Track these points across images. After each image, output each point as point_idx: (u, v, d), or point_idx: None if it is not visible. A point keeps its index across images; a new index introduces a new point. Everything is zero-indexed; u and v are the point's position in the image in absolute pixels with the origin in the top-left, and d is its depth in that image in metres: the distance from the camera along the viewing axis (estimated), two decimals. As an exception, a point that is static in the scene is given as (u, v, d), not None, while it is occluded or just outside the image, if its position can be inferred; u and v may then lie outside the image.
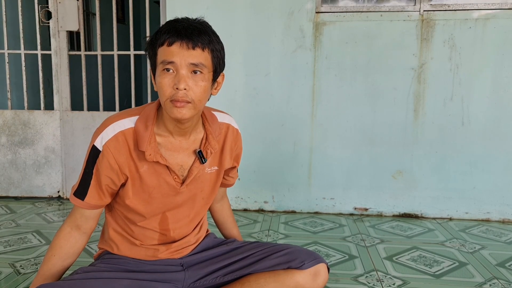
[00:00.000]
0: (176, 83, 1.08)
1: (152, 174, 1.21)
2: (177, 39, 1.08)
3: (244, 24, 2.49)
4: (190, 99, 1.09)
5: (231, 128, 1.34)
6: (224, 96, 2.53)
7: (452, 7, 2.37)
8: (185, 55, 1.08)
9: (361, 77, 2.46)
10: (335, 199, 2.57)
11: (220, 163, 1.32)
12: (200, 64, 1.09)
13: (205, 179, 1.30)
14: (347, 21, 2.43)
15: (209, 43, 1.10)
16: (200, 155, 1.23)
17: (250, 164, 2.57)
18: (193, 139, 1.25)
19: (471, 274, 1.75)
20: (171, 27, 1.10)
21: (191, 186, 1.26)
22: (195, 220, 1.35)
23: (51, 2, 2.75)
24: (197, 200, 1.31)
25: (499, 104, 2.39)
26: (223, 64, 1.18)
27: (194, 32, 1.09)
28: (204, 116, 1.27)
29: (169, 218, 1.29)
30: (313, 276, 1.29)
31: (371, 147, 2.50)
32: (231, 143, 1.33)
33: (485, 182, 2.45)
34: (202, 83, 1.11)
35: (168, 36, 1.08)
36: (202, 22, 1.14)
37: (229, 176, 1.44)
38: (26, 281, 1.62)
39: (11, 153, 2.83)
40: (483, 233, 2.26)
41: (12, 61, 2.91)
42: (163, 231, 1.30)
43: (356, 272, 1.76)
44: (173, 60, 1.08)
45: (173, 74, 1.09)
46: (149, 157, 1.16)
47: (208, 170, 1.29)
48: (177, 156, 1.23)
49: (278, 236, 2.18)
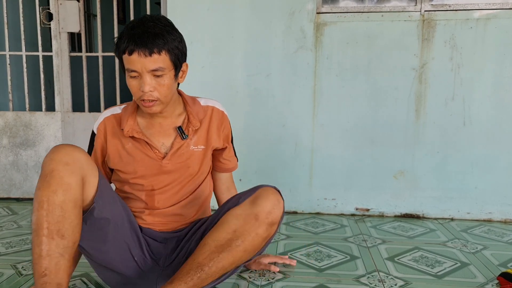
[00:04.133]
0: (141, 87, 1.25)
1: (136, 149, 1.39)
2: (135, 48, 1.20)
3: (245, 25, 2.49)
4: (156, 97, 1.27)
5: (215, 110, 1.48)
6: (225, 97, 2.53)
7: (453, 7, 2.37)
8: (144, 63, 1.22)
9: (362, 78, 2.45)
10: (337, 200, 2.57)
11: (207, 142, 1.44)
12: (159, 68, 1.24)
13: (191, 156, 1.41)
14: (348, 22, 2.43)
15: (164, 45, 1.23)
16: (180, 131, 1.39)
17: (251, 165, 2.57)
18: (173, 120, 1.41)
19: (473, 275, 1.74)
20: (129, 35, 1.21)
21: (175, 161, 1.39)
22: (181, 193, 1.45)
23: (52, 4, 2.75)
24: (185, 176, 1.42)
25: (501, 104, 2.39)
26: (183, 56, 1.32)
27: (149, 38, 1.20)
28: (185, 100, 1.44)
29: (155, 192, 1.41)
30: (251, 202, 1.29)
31: (372, 147, 2.50)
32: (217, 123, 1.46)
33: (487, 182, 2.45)
34: (165, 82, 1.27)
35: (127, 45, 1.21)
36: (157, 23, 1.24)
37: (224, 159, 1.53)
38: (27, 282, 1.62)
39: (12, 155, 2.83)
40: (485, 234, 2.26)
41: (13, 62, 2.91)
42: (149, 201, 1.43)
43: (358, 272, 1.76)
44: (135, 68, 1.23)
45: (138, 78, 1.25)
46: (126, 133, 1.36)
47: (194, 148, 1.42)
48: (158, 134, 1.40)
49: (279, 236, 2.18)
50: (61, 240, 1.14)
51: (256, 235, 1.25)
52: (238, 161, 1.61)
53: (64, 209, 1.15)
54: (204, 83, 2.53)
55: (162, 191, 1.42)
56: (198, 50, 2.52)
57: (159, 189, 1.42)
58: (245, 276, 1.71)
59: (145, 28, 1.22)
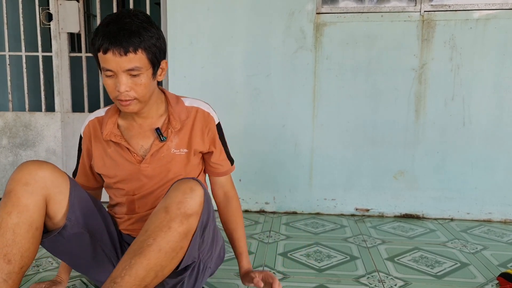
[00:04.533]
0: (117, 87, 1.18)
1: (117, 153, 1.33)
2: (110, 46, 1.14)
3: (245, 25, 2.49)
4: (133, 97, 1.21)
5: (200, 111, 1.38)
6: (225, 97, 2.54)
7: (453, 8, 2.37)
8: (119, 62, 1.15)
9: (362, 78, 2.46)
10: (336, 200, 2.57)
11: (190, 145, 1.35)
12: (136, 68, 1.17)
13: (172, 160, 1.33)
14: (347, 22, 2.43)
15: (140, 43, 1.16)
16: (158, 133, 1.31)
17: (251, 165, 2.57)
18: (154, 120, 1.34)
19: (473, 275, 1.74)
20: (104, 32, 1.15)
21: (155, 165, 1.32)
22: (159, 200, 1.34)
23: (51, 4, 2.75)
24: (166, 180, 1.34)
25: (500, 104, 2.39)
26: (162, 54, 1.24)
27: (124, 36, 1.13)
28: (167, 99, 1.36)
29: (136, 196, 1.35)
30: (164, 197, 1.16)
31: (372, 148, 2.50)
32: (201, 125, 1.36)
33: (487, 182, 2.45)
34: (142, 81, 1.20)
35: (101, 43, 1.15)
36: (133, 19, 1.16)
37: (215, 163, 1.42)
38: (28, 282, 1.62)
39: (12, 155, 2.83)
40: (484, 234, 2.26)
41: (13, 63, 2.91)
42: (130, 206, 1.37)
43: (358, 273, 1.76)
44: (110, 68, 1.17)
45: (114, 77, 1.19)
46: (104, 136, 1.32)
47: (176, 151, 1.33)
48: (137, 136, 1.34)
49: (279, 237, 2.18)
50: (7, 265, 1.09)
51: (170, 230, 1.05)
52: (234, 163, 1.49)
53: (16, 233, 1.10)
54: (204, 83, 2.53)
55: (143, 196, 1.35)
56: (198, 50, 2.52)
57: (139, 194, 1.35)
58: (245, 276, 1.71)
59: (121, 25, 1.15)
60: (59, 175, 1.21)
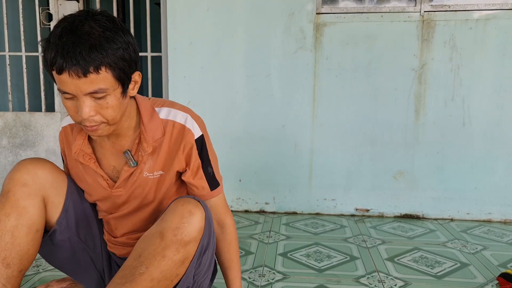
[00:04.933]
0: (80, 113, 0.97)
1: (88, 172, 1.18)
2: (65, 66, 0.91)
3: (245, 25, 2.49)
4: (100, 121, 1.00)
5: (175, 126, 1.14)
6: (224, 97, 2.54)
7: (453, 8, 2.37)
8: (78, 85, 0.93)
9: (362, 78, 2.46)
10: (336, 200, 2.57)
11: (167, 167, 1.15)
12: (99, 90, 0.95)
13: (146, 185, 1.15)
14: (347, 22, 2.43)
15: (103, 60, 0.93)
16: (127, 157, 1.12)
17: (251, 165, 2.57)
18: (127, 138, 1.14)
19: (473, 275, 1.74)
20: (57, 46, 0.92)
21: (128, 190, 1.15)
22: (140, 223, 1.22)
23: (51, 4, 2.75)
24: (143, 204, 1.18)
25: (500, 105, 2.39)
26: (132, 66, 1.01)
27: (82, 51, 0.90)
28: (140, 114, 1.13)
29: (111, 217, 1.22)
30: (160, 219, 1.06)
31: (372, 148, 2.50)
32: (178, 142, 1.13)
33: (487, 183, 2.45)
34: (109, 103, 0.98)
35: (53, 60, 0.92)
36: (93, 27, 0.93)
37: (191, 184, 1.18)
38: (27, 282, 1.62)
39: (12, 155, 2.83)
40: (484, 234, 2.26)
41: (13, 63, 2.91)
42: (107, 226, 1.28)
43: (358, 273, 1.76)
44: (68, 91, 0.95)
45: (75, 98, 0.97)
46: (73, 154, 1.16)
47: (150, 175, 1.14)
48: (109, 156, 1.16)
49: (279, 237, 2.18)
50: (5, 269, 1.06)
51: (164, 258, 0.97)
52: (218, 186, 1.22)
53: (14, 236, 1.07)
54: (204, 83, 2.53)
55: (119, 217, 1.22)
56: (198, 51, 2.52)
57: (115, 214, 1.22)
58: (245, 276, 1.71)
59: (77, 36, 0.91)
60: (58, 175, 1.17)
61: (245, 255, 1.94)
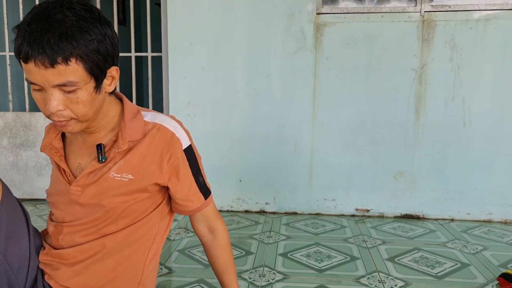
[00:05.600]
0: (47, 107, 0.89)
1: (54, 169, 1.11)
2: (31, 54, 0.84)
3: (245, 25, 2.49)
4: (69, 117, 0.92)
5: (162, 130, 1.04)
6: (224, 97, 2.54)
7: (453, 8, 2.37)
8: (45, 75, 0.85)
9: (362, 78, 2.46)
10: (337, 200, 2.57)
11: (138, 172, 1.02)
12: (68, 83, 0.87)
13: (109, 186, 1.02)
14: (348, 22, 2.43)
15: (73, 51, 0.85)
16: (99, 151, 1.02)
17: (251, 165, 2.57)
18: (102, 135, 1.05)
19: (473, 275, 1.74)
20: (25, 32, 0.85)
21: (88, 191, 1.02)
22: (93, 235, 1.05)
23: (52, 4, 2.75)
24: (99, 215, 1.03)
25: (500, 105, 2.39)
26: (108, 60, 0.93)
27: (50, 40, 0.83)
28: (123, 112, 1.06)
29: (64, 224, 1.07)
30: None
31: (372, 148, 2.50)
32: (161, 148, 1.03)
33: (487, 183, 2.45)
34: (80, 98, 0.90)
35: (19, 48, 0.85)
36: (66, 15, 0.85)
37: (181, 199, 1.08)
38: (27, 283, 1.62)
39: (12, 155, 2.83)
40: (485, 234, 2.26)
41: (13, 63, 2.91)
42: (55, 234, 1.09)
43: (358, 273, 1.76)
44: (34, 81, 0.87)
45: (43, 90, 0.90)
46: (41, 148, 1.08)
47: (116, 175, 1.01)
48: (78, 152, 1.06)
49: (279, 237, 2.18)
50: None
51: None
52: (210, 194, 1.15)
53: None
54: (204, 83, 2.53)
55: (72, 226, 1.06)
56: (198, 51, 2.52)
57: (68, 223, 1.06)
58: (245, 276, 1.71)
59: (48, 23, 0.84)
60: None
61: (245, 255, 1.94)
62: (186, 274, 1.73)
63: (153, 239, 1.11)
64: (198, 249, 2.00)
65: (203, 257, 1.90)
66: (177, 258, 1.90)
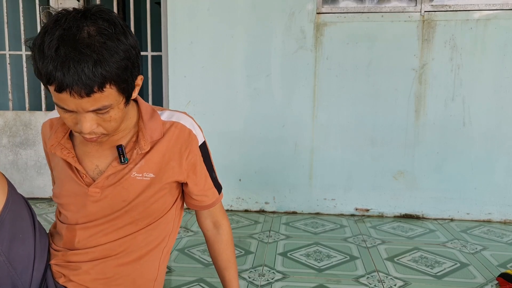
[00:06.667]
0: (79, 126, 0.89)
1: (63, 170, 1.05)
2: (65, 86, 0.81)
3: (245, 25, 2.49)
4: (101, 133, 0.92)
5: (180, 128, 1.05)
6: (225, 97, 2.54)
7: (453, 8, 2.37)
8: (80, 104, 0.84)
9: (362, 78, 2.46)
10: (336, 200, 2.57)
11: (159, 170, 1.03)
12: (103, 107, 0.86)
13: (130, 186, 1.02)
14: (348, 22, 2.43)
15: (107, 76, 0.82)
16: (120, 152, 1.00)
17: (251, 165, 2.57)
18: (117, 138, 1.03)
19: (473, 275, 1.74)
20: (53, 59, 0.80)
21: (108, 192, 1.01)
22: (111, 235, 1.05)
23: (52, 3, 2.75)
24: (119, 214, 1.03)
25: (500, 105, 2.39)
26: (134, 74, 0.90)
27: (84, 69, 0.80)
28: (140, 113, 1.05)
29: (78, 226, 1.05)
30: None
31: (372, 148, 2.50)
32: (180, 146, 1.04)
33: (487, 183, 2.45)
34: (113, 116, 0.90)
35: (50, 77, 0.81)
36: (91, 34, 0.82)
37: (198, 195, 1.11)
38: (27, 282, 1.62)
39: (12, 154, 2.83)
40: (484, 234, 2.26)
41: (13, 62, 2.91)
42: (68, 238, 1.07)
43: (357, 273, 1.76)
44: (67, 108, 0.86)
45: (74, 113, 0.88)
46: (49, 148, 1.02)
47: (138, 175, 1.02)
48: (94, 154, 1.03)
49: (279, 237, 2.18)
50: None
51: None
52: (222, 190, 1.18)
53: None
54: (204, 83, 2.53)
55: (87, 227, 1.05)
56: (198, 50, 2.52)
57: (83, 224, 1.05)
58: (244, 276, 1.71)
59: (77, 49, 0.80)
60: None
61: (245, 254, 1.94)
62: (185, 273, 1.73)
63: (168, 236, 1.12)
64: (197, 248, 2.01)
65: (202, 256, 1.90)
66: (177, 257, 1.90)
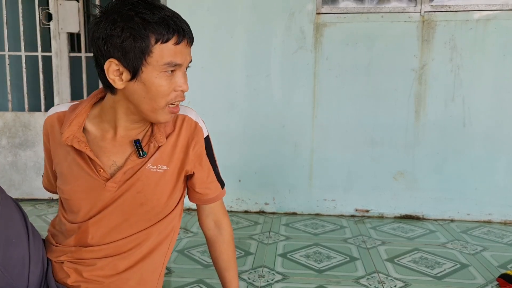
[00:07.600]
0: (181, 85, 0.97)
1: (77, 165, 1.03)
2: (183, 36, 0.94)
3: (245, 25, 2.48)
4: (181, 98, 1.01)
5: (187, 120, 1.09)
6: (224, 97, 2.53)
7: (453, 8, 2.37)
8: (187, 54, 0.98)
9: (362, 78, 2.45)
10: (336, 201, 2.56)
11: (171, 162, 1.06)
12: (191, 61, 1.01)
13: (146, 179, 1.04)
14: (347, 22, 2.43)
15: None
16: (138, 146, 1.03)
17: (251, 165, 2.56)
18: (130, 132, 1.05)
19: (473, 276, 1.74)
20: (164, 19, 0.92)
21: (125, 186, 1.03)
22: (126, 231, 1.06)
23: (51, 4, 2.75)
24: (133, 208, 1.04)
25: (500, 105, 2.39)
26: None
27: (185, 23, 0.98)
28: None
29: (90, 224, 1.05)
30: None
31: (372, 148, 2.50)
32: (187, 138, 1.08)
33: (487, 183, 2.44)
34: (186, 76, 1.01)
35: (174, 33, 0.93)
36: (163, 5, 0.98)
37: (201, 187, 1.12)
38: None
39: (11, 155, 2.83)
40: (484, 235, 2.25)
41: (12, 62, 2.90)
42: (81, 235, 1.07)
43: (358, 274, 1.75)
44: (179, 62, 0.95)
45: (170, 75, 0.96)
46: (64, 140, 1.01)
47: (153, 167, 1.04)
48: (111, 149, 1.04)
49: (279, 238, 2.17)
50: None
51: None
52: (224, 186, 1.19)
53: None
54: (204, 83, 2.53)
55: (99, 223, 1.05)
56: (198, 50, 2.51)
57: (96, 218, 1.05)
58: (244, 277, 1.70)
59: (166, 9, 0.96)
60: None
61: (245, 255, 1.94)
62: (185, 274, 1.73)
63: (173, 232, 1.14)
64: (197, 249, 2.00)
65: (202, 258, 1.90)
66: (176, 258, 1.90)
